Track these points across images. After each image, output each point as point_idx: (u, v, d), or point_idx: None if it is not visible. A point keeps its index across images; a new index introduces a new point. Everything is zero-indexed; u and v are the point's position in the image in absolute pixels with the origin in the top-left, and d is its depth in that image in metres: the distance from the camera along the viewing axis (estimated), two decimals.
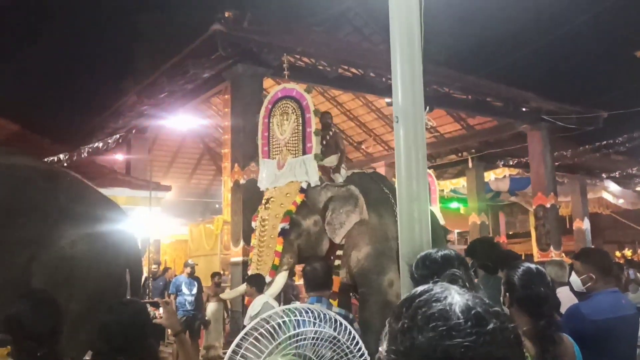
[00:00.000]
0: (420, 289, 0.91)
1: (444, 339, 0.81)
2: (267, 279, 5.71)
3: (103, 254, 4.77)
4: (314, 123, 6.30)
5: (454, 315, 0.83)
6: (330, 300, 3.68)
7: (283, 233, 5.76)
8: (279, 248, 5.73)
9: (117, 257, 4.92)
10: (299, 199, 5.91)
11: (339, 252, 6.04)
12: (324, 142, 6.86)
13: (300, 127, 6.31)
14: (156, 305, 7.46)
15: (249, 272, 6.03)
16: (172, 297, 9.44)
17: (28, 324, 2.30)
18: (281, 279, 5.72)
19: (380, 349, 0.91)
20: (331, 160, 6.73)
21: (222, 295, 8.27)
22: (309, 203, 5.95)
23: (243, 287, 6.02)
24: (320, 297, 3.33)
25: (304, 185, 6.00)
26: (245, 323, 5.45)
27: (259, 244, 5.92)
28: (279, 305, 5.51)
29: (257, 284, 5.61)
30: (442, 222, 8.49)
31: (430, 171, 8.71)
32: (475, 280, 3.48)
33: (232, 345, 1.95)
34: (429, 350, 0.81)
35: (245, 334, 1.96)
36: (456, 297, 0.87)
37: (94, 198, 5.27)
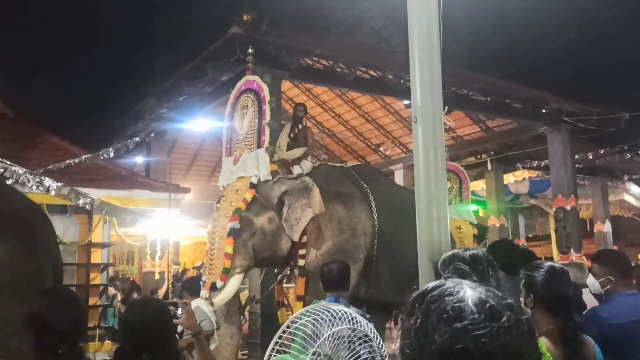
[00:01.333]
0: (431, 284, 0.91)
1: (459, 333, 0.82)
2: (219, 283, 5.27)
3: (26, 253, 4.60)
4: (268, 115, 5.99)
5: (467, 309, 0.84)
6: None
7: (232, 233, 5.28)
8: (229, 249, 5.25)
9: (40, 256, 4.76)
10: (249, 195, 5.45)
11: (302, 251, 5.55)
12: (292, 135, 6.59)
13: (257, 120, 5.99)
14: (175, 306, 7.48)
15: (203, 278, 5.71)
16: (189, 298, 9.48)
17: (50, 321, 2.32)
18: (234, 282, 5.24)
19: (392, 346, 0.91)
20: (293, 153, 6.36)
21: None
22: (262, 199, 5.50)
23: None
24: (339, 297, 3.34)
25: (254, 181, 5.54)
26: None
27: (210, 247, 5.49)
28: (217, 310, 5.26)
29: (190, 288, 5.28)
30: (474, 220, 8.28)
31: (462, 167, 8.39)
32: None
33: (273, 342, 1.96)
34: (444, 344, 0.82)
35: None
36: (469, 292, 0.87)
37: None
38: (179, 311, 4.47)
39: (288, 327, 2.04)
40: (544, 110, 13.54)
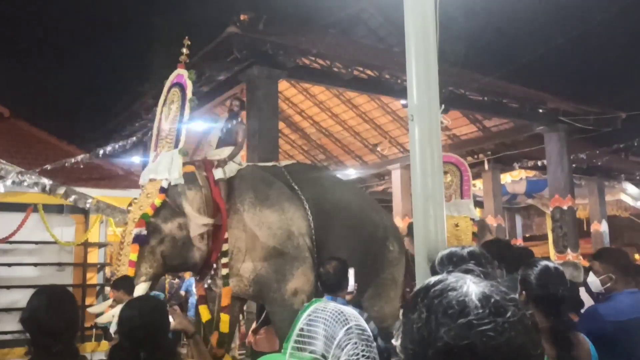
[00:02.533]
0: (434, 279, 0.91)
1: (465, 328, 0.81)
2: None
3: None
4: (187, 114, 5.62)
5: (472, 304, 0.83)
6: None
7: (138, 239, 4.98)
8: (134, 257, 4.97)
9: None
10: (158, 200, 5.13)
11: (224, 260, 5.23)
12: (224, 131, 6.15)
13: (179, 117, 5.66)
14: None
15: None
16: (184, 294, 9.49)
17: (43, 320, 2.32)
18: (139, 291, 4.94)
19: (395, 342, 0.90)
20: (218, 153, 5.94)
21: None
22: (172, 204, 5.17)
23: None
24: (335, 298, 3.34)
25: (165, 184, 5.22)
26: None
27: (119, 252, 5.23)
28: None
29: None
30: (476, 216, 7.94)
31: (463, 160, 8.02)
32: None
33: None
34: (449, 339, 0.81)
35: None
36: (472, 286, 0.86)
37: None
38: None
39: (302, 329, 2.03)
40: (540, 110, 13.56)
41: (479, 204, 17.98)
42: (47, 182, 9.44)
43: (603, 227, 17.66)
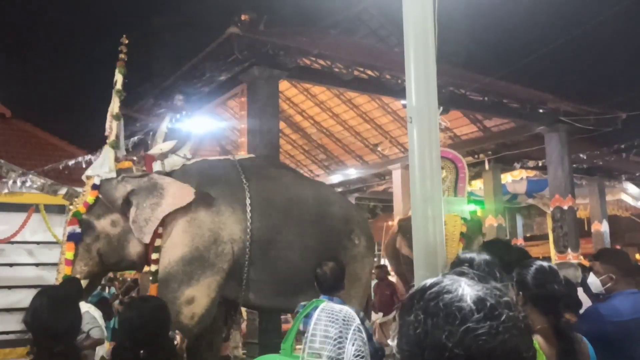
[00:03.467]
0: (429, 281, 0.92)
1: (460, 331, 0.82)
2: None
3: None
4: (116, 106, 5.55)
5: (467, 307, 0.85)
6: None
7: (72, 237, 4.91)
8: (69, 255, 4.90)
9: None
10: (90, 197, 5.05)
11: (155, 256, 5.03)
12: (169, 126, 5.99)
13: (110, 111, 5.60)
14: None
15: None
16: None
17: (44, 321, 2.34)
18: None
19: (390, 343, 0.92)
20: (160, 148, 5.78)
21: None
22: (106, 200, 5.06)
23: None
24: (332, 298, 3.36)
25: (97, 181, 5.12)
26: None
27: (61, 251, 5.15)
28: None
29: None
30: (467, 215, 7.66)
31: (460, 156, 7.55)
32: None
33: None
34: (445, 341, 0.82)
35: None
36: (467, 289, 0.88)
37: None
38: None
39: (314, 334, 2.06)
40: (541, 110, 13.57)
41: (479, 203, 18.02)
42: (48, 182, 9.45)
43: (604, 227, 17.66)
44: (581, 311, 3.27)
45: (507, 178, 16.97)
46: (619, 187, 18.67)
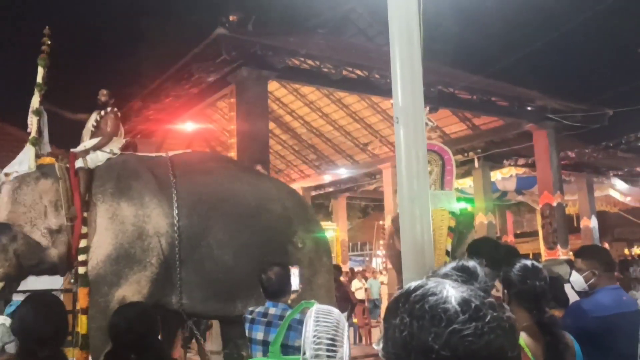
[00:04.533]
0: (413, 284, 0.93)
1: (446, 333, 0.83)
2: None
3: None
4: (35, 100, 5.42)
5: (452, 309, 0.86)
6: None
7: None
8: None
9: None
10: None
11: (81, 257, 4.81)
12: (95, 124, 5.74)
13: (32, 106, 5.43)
14: None
15: None
16: None
17: (30, 326, 2.34)
18: None
19: (376, 347, 0.93)
20: (84, 145, 5.55)
21: None
22: None
23: None
24: (277, 304, 3.35)
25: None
26: None
27: None
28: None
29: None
30: (455, 209, 7.26)
31: (447, 148, 7.17)
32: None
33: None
34: (431, 344, 0.83)
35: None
36: (451, 291, 0.89)
37: None
38: None
39: (318, 337, 2.07)
40: (529, 108, 13.66)
41: (469, 201, 18.08)
42: None
43: (592, 222, 17.78)
44: None
45: (496, 175, 17.05)
46: (607, 183, 18.81)
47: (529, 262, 2.36)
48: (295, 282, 3.72)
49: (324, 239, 5.57)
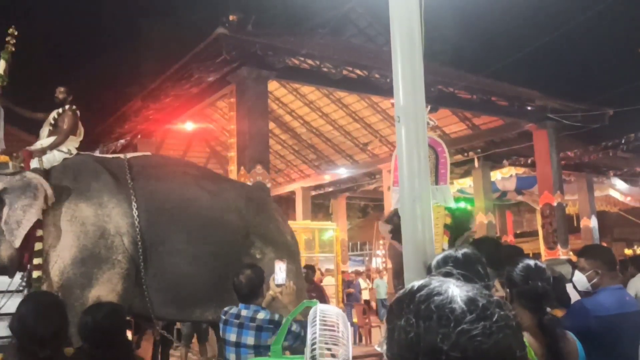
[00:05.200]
0: (417, 283, 0.91)
1: (454, 332, 0.82)
2: None
3: None
4: None
5: (458, 307, 0.85)
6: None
7: None
8: None
9: None
10: None
11: (36, 261, 4.64)
12: (53, 122, 5.60)
13: None
14: None
15: None
16: None
17: (30, 327, 2.33)
18: None
19: (378, 349, 0.92)
20: (41, 143, 5.43)
21: None
22: None
23: None
24: (248, 305, 3.36)
25: None
26: None
27: None
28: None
29: None
30: (452, 204, 7.04)
31: (440, 140, 6.78)
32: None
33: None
34: (438, 343, 0.82)
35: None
36: (456, 290, 0.88)
37: None
38: None
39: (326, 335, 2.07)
40: (529, 108, 13.66)
41: (469, 201, 18.06)
42: None
43: (592, 222, 17.78)
44: None
45: (496, 175, 17.06)
46: (607, 183, 18.82)
47: (532, 262, 2.35)
48: (281, 276, 3.71)
49: (286, 244, 5.35)
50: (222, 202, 5.19)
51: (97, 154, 11.76)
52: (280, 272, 3.72)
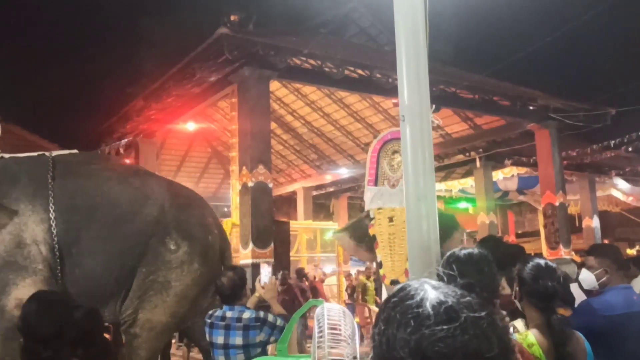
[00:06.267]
0: (397, 287, 0.90)
1: (416, 339, 0.80)
2: None
3: None
4: None
5: (424, 312, 0.83)
6: None
7: None
8: None
9: None
10: None
11: None
12: None
13: None
14: None
15: None
16: None
17: (33, 326, 2.32)
18: None
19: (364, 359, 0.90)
20: None
21: None
22: None
23: None
24: (233, 307, 3.38)
25: None
26: None
27: None
28: None
29: None
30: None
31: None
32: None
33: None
34: (402, 350, 0.80)
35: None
36: (429, 292, 0.86)
37: None
38: None
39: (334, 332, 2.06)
40: (531, 107, 13.64)
41: (471, 201, 18.06)
42: None
43: (594, 222, 17.77)
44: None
45: (498, 175, 17.05)
46: (609, 183, 18.80)
47: (542, 261, 2.34)
48: (264, 277, 3.75)
49: (204, 242, 5.12)
50: (143, 196, 4.99)
51: (99, 153, 11.78)
52: (264, 274, 3.74)
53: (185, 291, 4.88)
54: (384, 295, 8.31)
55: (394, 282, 5.05)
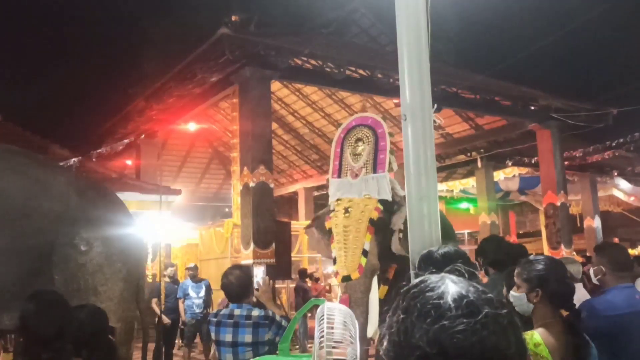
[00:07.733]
0: (417, 280, 0.91)
1: (436, 329, 0.81)
2: None
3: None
4: None
5: (446, 305, 0.83)
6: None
7: None
8: None
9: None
10: None
11: None
12: None
13: None
14: None
15: None
16: (180, 301, 9.39)
17: (32, 326, 2.29)
18: None
19: (379, 347, 0.90)
20: None
21: None
22: None
23: None
24: (240, 305, 3.37)
25: None
26: None
27: None
28: None
29: None
30: (386, 196, 5.27)
31: (381, 120, 5.52)
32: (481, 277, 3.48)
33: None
34: (421, 339, 0.81)
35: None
36: (450, 286, 0.87)
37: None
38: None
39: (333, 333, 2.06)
40: (532, 107, 13.63)
41: (472, 201, 18.04)
42: None
43: (596, 222, 17.75)
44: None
45: (499, 175, 17.03)
46: (610, 183, 18.77)
47: (556, 259, 2.35)
48: (256, 280, 3.74)
49: (121, 241, 4.72)
50: (44, 190, 4.53)
51: (100, 153, 11.79)
52: (255, 277, 3.73)
53: (119, 296, 4.53)
54: (339, 294, 7.64)
55: (345, 279, 4.64)
